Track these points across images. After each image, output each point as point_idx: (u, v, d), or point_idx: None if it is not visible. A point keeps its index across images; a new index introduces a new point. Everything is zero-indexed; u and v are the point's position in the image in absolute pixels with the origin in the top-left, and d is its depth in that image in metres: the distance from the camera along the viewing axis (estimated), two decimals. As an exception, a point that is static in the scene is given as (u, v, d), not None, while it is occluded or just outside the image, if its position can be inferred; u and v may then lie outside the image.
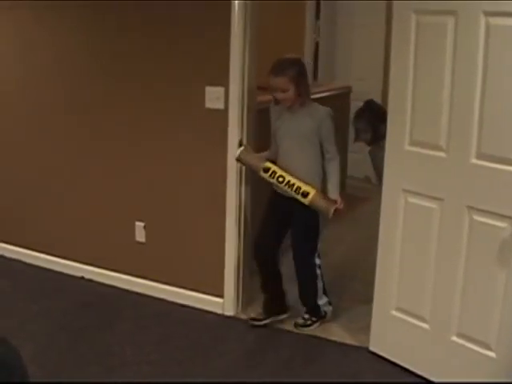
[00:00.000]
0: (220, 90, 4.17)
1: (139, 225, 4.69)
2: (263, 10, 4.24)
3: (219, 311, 4.49)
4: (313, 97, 4.20)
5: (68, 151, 4.94)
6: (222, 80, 4.14)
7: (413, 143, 3.57)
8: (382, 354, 3.90)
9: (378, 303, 3.91)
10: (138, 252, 4.75)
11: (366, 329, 4.05)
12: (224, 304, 4.48)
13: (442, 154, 3.43)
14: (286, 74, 3.90)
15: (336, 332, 4.27)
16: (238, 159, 4.14)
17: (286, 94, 3.93)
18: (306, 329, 4.28)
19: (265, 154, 4.22)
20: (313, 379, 3.73)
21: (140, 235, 4.70)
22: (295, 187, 3.96)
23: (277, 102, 4.05)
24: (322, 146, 4.03)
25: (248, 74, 4.16)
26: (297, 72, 3.94)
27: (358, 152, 7.38)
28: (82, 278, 5.03)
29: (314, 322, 4.31)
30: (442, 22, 3.32)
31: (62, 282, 4.99)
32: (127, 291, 4.82)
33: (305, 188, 3.94)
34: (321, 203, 3.95)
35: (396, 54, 3.61)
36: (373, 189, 6.89)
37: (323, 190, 4.03)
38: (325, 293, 4.32)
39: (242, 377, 3.76)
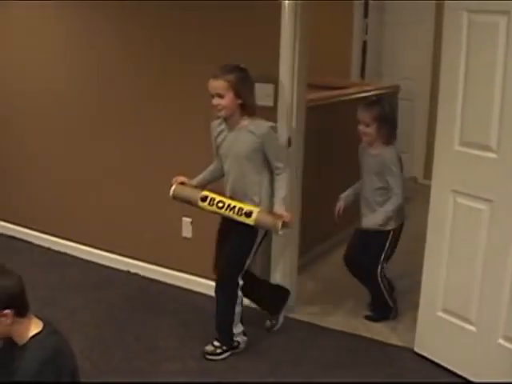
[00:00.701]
0: (270, 86, 4.16)
1: (186, 220, 4.72)
2: (312, 8, 4.23)
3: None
4: (360, 95, 4.16)
5: (118, 149, 5.00)
6: (272, 77, 4.14)
7: (463, 144, 3.54)
8: (426, 355, 3.88)
9: (424, 304, 3.88)
10: (184, 247, 4.78)
11: (411, 329, 4.03)
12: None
13: (492, 155, 3.39)
14: (225, 78, 3.63)
15: (380, 332, 4.26)
16: (174, 197, 3.93)
17: (222, 101, 3.65)
18: (214, 357, 3.93)
19: (202, 175, 4.02)
20: (357, 379, 3.73)
21: (187, 231, 4.74)
22: (237, 209, 3.70)
23: (219, 116, 3.79)
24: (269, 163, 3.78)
25: (298, 72, 4.15)
26: (238, 78, 3.65)
27: (404, 152, 7.36)
28: (128, 271, 5.09)
29: (224, 352, 3.95)
30: (494, 21, 3.29)
31: (109, 276, 5.05)
32: (172, 286, 4.87)
33: (247, 208, 3.69)
34: (266, 220, 3.68)
35: (447, 53, 3.57)
36: (419, 189, 6.87)
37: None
38: (241, 321, 3.98)
39: (284, 375, 3.78)
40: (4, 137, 5.67)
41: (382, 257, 4.29)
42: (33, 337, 2.67)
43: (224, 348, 3.95)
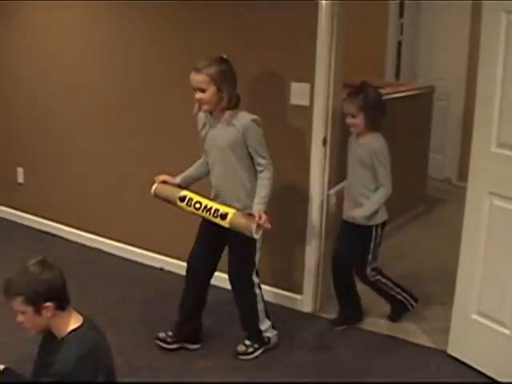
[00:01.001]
0: (306, 86, 4.17)
1: (220, 219, 4.72)
2: (348, 8, 4.22)
3: (297, 307, 4.52)
4: (395, 96, 4.11)
5: (156, 148, 5.04)
6: (308, 76, 4.14)
7: (500, 145, 3.51)
8: (460, 357, 3.86)
9: (459, 307, 3.86)
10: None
11: (444, 331, 4.01)
12: (302, 301, 4.50)
13: (530, 157, 3.37)
14: (207, 72, 3.54)
15: (413, 333, 4.24)
16: (155, 196, 3.86)
17: (204, 95, 3.57)
18: (246, 357, 3.91)
19: (187, 172, 3.93)
20: (392, 380, 3.71)
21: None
22: (213, 210, 3.59)
23: (200, 108, 3.69)
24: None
25: (334, 71, 4.15)
26: (219, 72, 3.56)
27: (439, 153, 7.33)
28: (162, 269, 5.11)
29: (256, 350, 3.94)
30: (533, 22, 3.27)
31: (142, 272, 5.08)
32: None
33: (223, 209, 3.57)
34: (240, 222, 3.53)
35: (484, 54, 3.55)
36: (453, 190, 6.83)
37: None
38: (267, 316, 3.97)
39: (316, 375, 3.78)
40: (43, 136, 5.73)
41: (370, 257, 4.15)
42: (72, 331, 2.70)
43: (255, 346, 3.94)
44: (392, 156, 4.15)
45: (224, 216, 3.56)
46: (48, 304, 2.65)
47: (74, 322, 2.73)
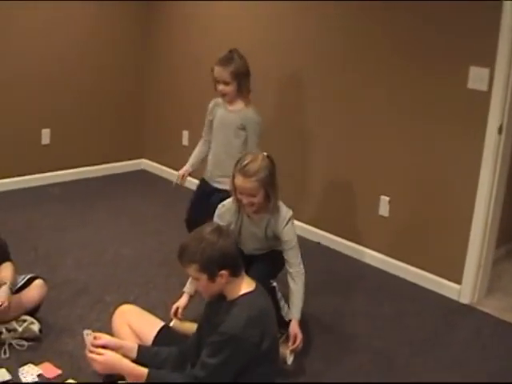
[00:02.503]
0: (485, 70, 4.02)
1: (384, 199, 4.69)
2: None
3: (454, 297, 4.40)
4: None
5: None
6: (488, 60, 3.99)
7: None
8: None
9: None
10: (380, 226, 4.76)
11: None
12: (461, 291, 4.38)
13: None
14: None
15: None
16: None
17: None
18: None
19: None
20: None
21: (384, 209, 4.70)
22: None
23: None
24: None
25: (516, 57, 3.97)
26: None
27: None
28: (319, 243, 5.13)
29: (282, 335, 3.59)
30: None
31: (300, 245, 5.08)
32: (362, 262, 4.87)
33: None
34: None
35: None
36: None
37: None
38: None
39: (469, 371, 3.65)
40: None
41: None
42: (244, 295, 2.75)
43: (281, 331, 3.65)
44: None
45: None
46: (223, 272, 2.70)
47: (246, 286, 2.78)
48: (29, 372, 3.29)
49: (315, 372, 3.48)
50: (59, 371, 3.31)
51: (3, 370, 3.26)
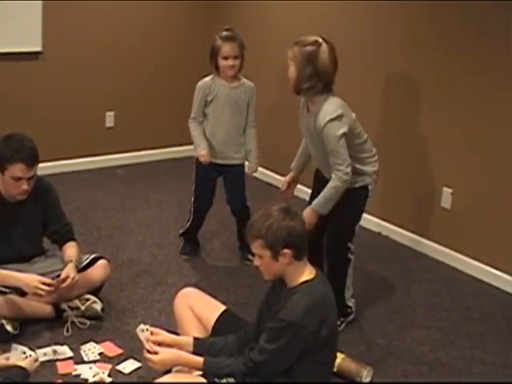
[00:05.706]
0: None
1: (447, 191, 4.63)
2: None
3: (515, 292, 4.35)
4: None
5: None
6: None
7: None
8: None
9: None
10: (443, 217, 4.70)
11: None
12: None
13: None
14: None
15: None
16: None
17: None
18: None
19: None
20: None
21: (446, 201, 4.63)
22: None
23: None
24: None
25: None
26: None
27: None
28: (380, 233, 5.11)
29: (341, 323, 3.69)
30: None
31: (361, 235, 5.07)
32: (421, 254, 4.82)
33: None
34: (349, 368, 3.32)
35: None
36: None
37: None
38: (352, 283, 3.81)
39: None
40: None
41: None
42: (304, 282, 2.75)
43: (341, 319, 3.70)
44: None
45: None
46: (286, 251, 2.70)
47: (307, 273, 2.77)
48: (90, 350, 3.37)
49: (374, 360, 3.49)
50: (120, 350, 3.39)
51: (65, 347, 3.35)
